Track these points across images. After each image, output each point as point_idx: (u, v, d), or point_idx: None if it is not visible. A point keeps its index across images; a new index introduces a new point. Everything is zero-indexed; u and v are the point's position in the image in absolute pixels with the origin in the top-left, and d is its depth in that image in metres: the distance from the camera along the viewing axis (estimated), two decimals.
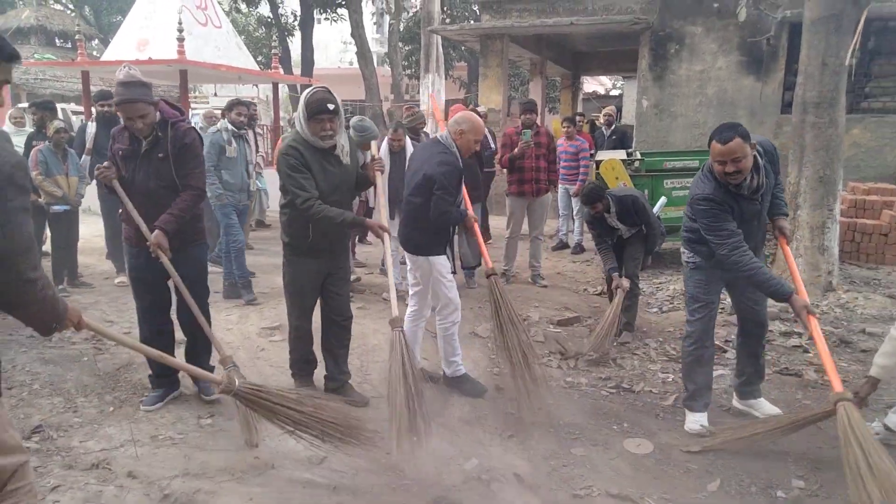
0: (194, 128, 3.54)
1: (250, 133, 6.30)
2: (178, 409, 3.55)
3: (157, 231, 3.27)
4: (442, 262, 3.81)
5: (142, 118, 3.24)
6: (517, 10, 11.14)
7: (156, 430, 3.34)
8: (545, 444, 3.30)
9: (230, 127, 5.72)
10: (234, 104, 5.93)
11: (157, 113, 3.34)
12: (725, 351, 4.58)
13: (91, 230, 7.80)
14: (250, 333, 4.87)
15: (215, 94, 18.90)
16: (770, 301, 3.49)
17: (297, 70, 20.10)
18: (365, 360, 4.40)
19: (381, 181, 3.79)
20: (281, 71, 13.92)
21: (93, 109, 7.14)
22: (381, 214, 3.77)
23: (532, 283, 6.40)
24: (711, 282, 3.39)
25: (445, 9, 17.31)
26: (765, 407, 3.59)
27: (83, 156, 6.14)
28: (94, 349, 4.40)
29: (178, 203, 3.35)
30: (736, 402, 3.70)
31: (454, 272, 3.97)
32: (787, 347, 4.68)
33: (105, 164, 3.33)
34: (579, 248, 8.05)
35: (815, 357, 4.46)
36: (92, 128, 6.27)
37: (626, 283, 4.71)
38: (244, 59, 11.78)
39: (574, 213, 8.19)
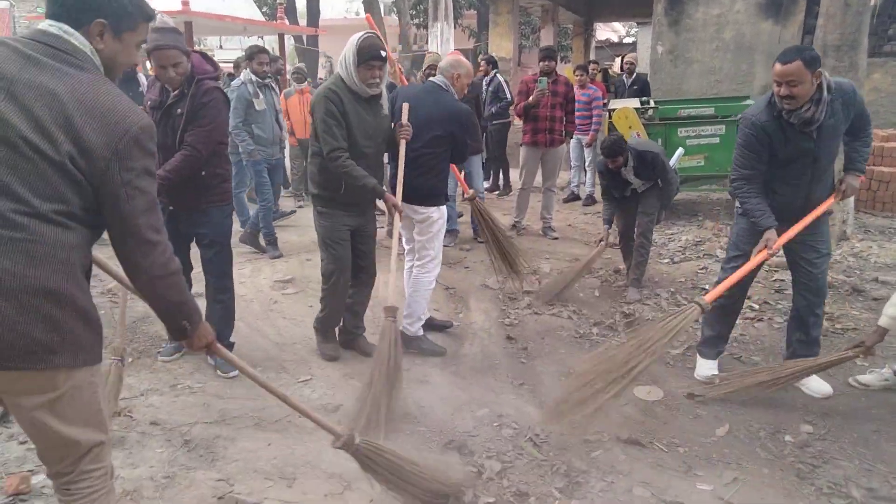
0: (219, 88, 3.33)
1: (274, 83, 5.95)
2: (195, 360, 3.62)
3: None
4: (445, 212, 3.80)
5: (174, 67, 3.07)
6: None
7: (175, 379, 3.42)
8: (556, 392, 3.35)
9: (254, 78, 5.46)
10: (256, 52, 5.60)
11: (189, 65, 3.17)
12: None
13: None
14: (263, 286, 4.93)
15: (220, 47, 18.62)
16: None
17: (302, 21, 19.71)
18: (377, 311, 4.43)
19: (403, 149, 3.49)
20: (286, 22, 13.65)
21: None
22: (398, 189, 3.48)
23: (543, 235, 6.39)
24: (755, 233, 3.19)
25: None
26: (813, 384, 3.28)
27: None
28: (111, 302, 4.47)
29: (169, 163, 3.14)
30: None
31: None
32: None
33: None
34: (591, 200, 7.98)
35: (828, 306, 4.44)
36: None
37: (611, 236, 4.80)
38: (249, 10, 11.57)
39: (586, 163, 8.09)
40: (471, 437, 2.90)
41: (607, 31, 24.64)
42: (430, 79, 3.92)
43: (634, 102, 7.25)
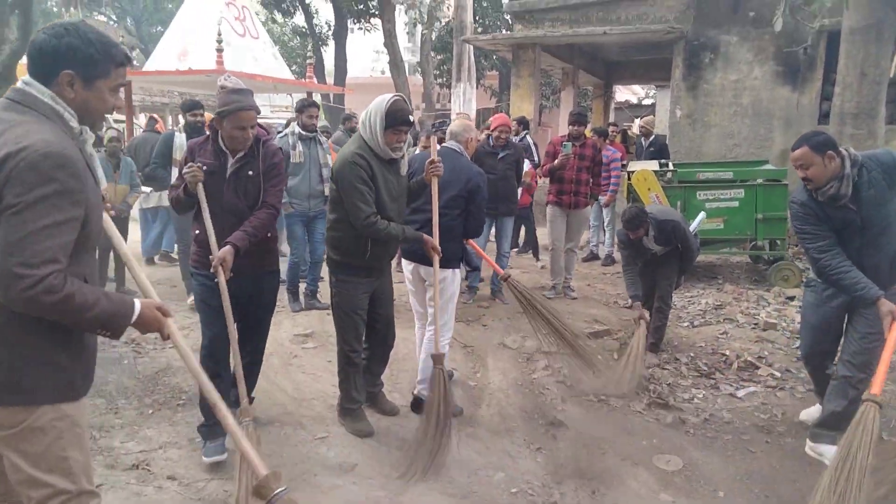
0: (280, 148, 3.42)
1: (322, 136, 5.90)
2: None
3: (227, 247, 2.91)
4: (459, 275, 3.84)
5: (252, 129, 3.04)
6: (549, 20, 11.17)
7: (193, 433, 3.43)
8: (573, 458, 3.31)
9: (297, 130, 5.54)
10: (306, 105, 5.65)
11: None
12: (758, 367, 4.52)
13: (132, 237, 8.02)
14: (283, 340, 4.97)
15: None
16: None
17: (329, 79, 20.41)
18: (394, 367, 4.45)
19: (436, 186, 3.46)
20: (315, 80, 14.16)
21: (173, 119, 7.02)
22: (435, 231, 3.44)
23: (562, 295, 6.39)
24: (819, 304, 3.29)
25: (477, 18, 17.42)
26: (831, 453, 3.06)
27: (172, 167, 5.74)
28: (134, 353, 4.54)
29: (253, 220, 3.04)
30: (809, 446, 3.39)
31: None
32: None
33: (196, 164, 2.97)
34: (610, 260, 8.00)
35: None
36: (180, 139, 5.87)
37: (647, 314, 4.57)
38: (280, 69, 12.03)
39: (605, 223, 8.15)
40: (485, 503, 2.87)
41: (626, 93, 25.10)
42: (444, 144, 4.04)
43: (653, 165, 7.34)
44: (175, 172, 5.61)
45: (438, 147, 3.69)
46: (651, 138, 8.93)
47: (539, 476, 3.14)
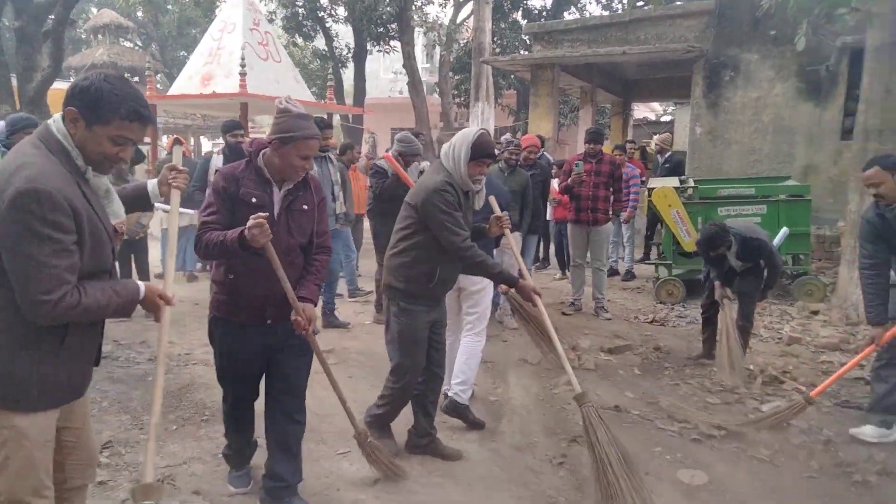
0: None
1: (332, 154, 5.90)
2: None
3: (307, 304, 2.65)
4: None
5: (312, 160, 2.80)
6: (568, 40, 11.25)
7: (217, 448, 3.45)
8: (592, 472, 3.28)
9: None
10: (321, 127, 5.53)
11: None
12: (782, 382, 4.45)
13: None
14: None
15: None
16: None
17: (349, 100, 20.68)
18: None
19: (510, 237, 3.52)
20: (334, 101, 14.37)
21: (198, 140, 6.87)
22: (525, 272, 3.50)
23: (595, 315, 6.33)
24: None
25: (496, 39, 17.60)
26: (867, 430, 3.65)
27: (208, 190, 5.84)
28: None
29: (317, 268, 2.77)
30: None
31: None
32: (848, 379, 4.51)
33: (261, 216, 2.42)
34: (630, 276, 7.97)
35: None
36: (219, 160, 5.81)
37: (729, 291, 4.51)
38: (301, 91, 12.24)
39: (624, 239, 8.13)
40: None
41: (645, 110, 25.09)
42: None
43: (674, 181, 7.33)
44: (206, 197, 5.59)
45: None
46: (667, 155, 8.92)
47: (562, 491, 3.11)
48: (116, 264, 2.12)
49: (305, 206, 2.70)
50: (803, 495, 3.06)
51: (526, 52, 11.72)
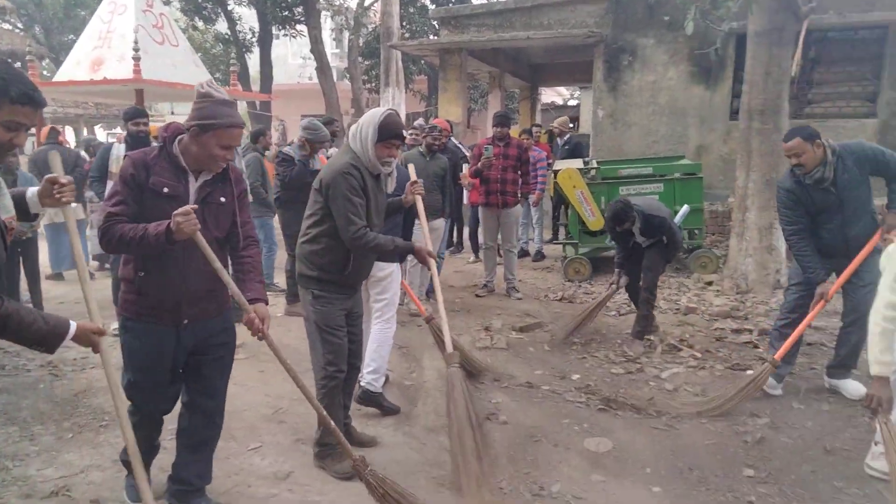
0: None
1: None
2: None
3: (260, 304, 2.52)
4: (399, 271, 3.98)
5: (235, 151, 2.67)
6: (475, 25, 11.34)
7: (118, 454, 3.30)
8: (508, 447, 3.38)
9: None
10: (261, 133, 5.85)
11: None
12: (680, 349, 4.73)
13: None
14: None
15: (172, 112, 18.68)
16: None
17: (255, 86, 20.01)
18: None
19: (421, 204, 3.59)
20: (240, 87, 13.85)
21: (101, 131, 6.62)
22: (427, 238, 3.59)
23: (507, 296, 6.46)
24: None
25: (404, 24, 17.47)
26: (849, 386, 3.89)
27: (108, 181, 5.38)
28: (51, 375, 4.33)
29: (252, 265, 2.63)
30: (826, 380, 4.03)
31: None
32: (738, 344, 4.85)
33: (188, 208, 2.28)
34: (540, 256, 8.19)
35: (765, 352, 4.64)
36: (120, 150, 5.52)
37: (622, 281, 4.97)
38: (202, 77, 11.68)
39: (534, 221, 8.34)
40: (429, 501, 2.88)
41: (552, 95, 25.74)
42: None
43: (578, 163, 7.57)
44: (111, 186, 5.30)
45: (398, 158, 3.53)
46: (566, 137, 9.18)
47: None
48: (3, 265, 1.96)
49: (223, 199, 2.53)
50: (700, 456, 3.26)
51: (434, 37, 11.72)
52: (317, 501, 2.86)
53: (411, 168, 3.74)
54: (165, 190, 2.39)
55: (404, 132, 3.20)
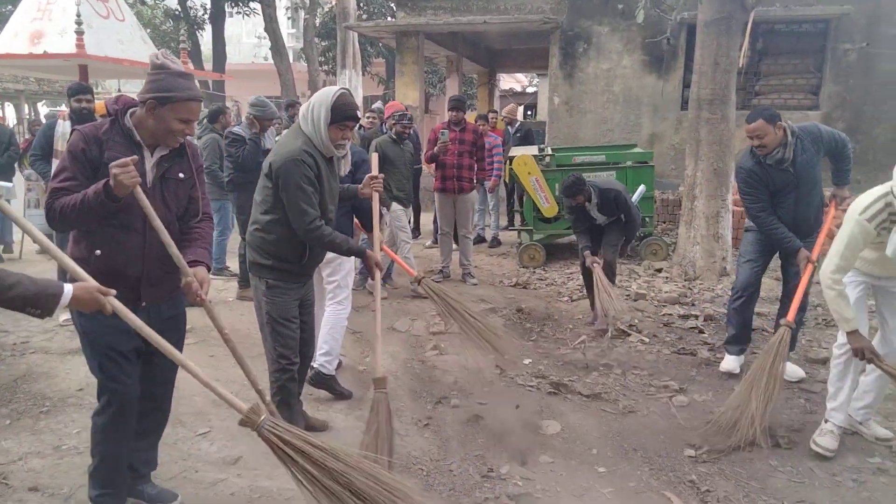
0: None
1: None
2: (83, 419, 3.42)
3: (201, 267, 2.43)
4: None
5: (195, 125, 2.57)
6: (432, 8, 11.25)
7: (59, 440, 3.22)
8: (460, 431, 3.42)
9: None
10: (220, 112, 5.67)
11: None
12: (629, 334, 4.85)
13: None
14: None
15: (119, 90, 18.01)
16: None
17: (208, 65, 19.43)
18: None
19: (377, 202, 3.35)
20: (191, 66, 13.41)
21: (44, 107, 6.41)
22: (376, 245, 3.32)
23: (463, 281, 6.48)
24: (758, 244, 4.02)
25: (361, 4, 17.22)
26: (788, 369, 3.93)
27: (53, 160, 5.21)
28: None
29: (201, 234, 2.54)
30: None
31: None
32: (684, 329, 5.00)
33: (126, 160, 2.15)
34: (496, 242, 8.25)
35: (709, 337, 4.81)
36: (65, 127, 5.33)
37: (599, 260, 4.87)
38: (149, 53, 11.31)
39: (490, 207, 8.38)
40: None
41: (511, 81, 25.82)
42: None
43: (533, 150, 7.63)
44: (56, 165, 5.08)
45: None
46: (517, 125, 9.25)
47: (427, 451, 3.21)
48: None
49: (182, 175, 2.45)
50: (644, 437, 3.36)
51: (391, 19, 11.58)
52: (265, 487, 2.84)
53: (374, 159, 3.51)
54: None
55: (357, 112, 3.03)
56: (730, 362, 4.14)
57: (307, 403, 3.51)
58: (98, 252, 2.31)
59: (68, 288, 1.86)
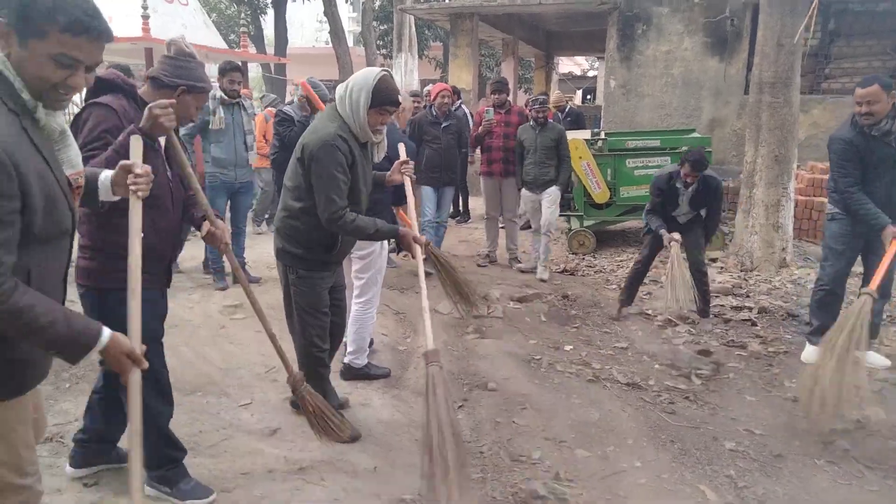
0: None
1: (247, 101, 5.52)
2: None
3: (218, 220, 2.49)
4: (386, 246, 3.87)
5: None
6: None
7: None
8: (492, 415, 3.41)
9: (219, 94, 5.09)
10: (229, 69, 5.17)
11: None
12: (676, 325, 4.72)
13: None
14: (212, 311, 4.90)
15: None
16: None
17: (270, 49, 19.86)
18: None
19: (410, 186, 3.22)
20: (251, 50, 13.74)
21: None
22: (415, 223, 3.24)
23: (509, 266, 6.44)
24: (845, 234, 3.83)
25: None
26: (870, 357, 3.85)
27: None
28: None
29: (199, 190, 2.51)
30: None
31: None
32: (737, 321, 4.84)
33: (166, 101, 2.18)
34: None
35: (762, 330, 4.64)
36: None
37: (677, 235, 4.56)
38: (212, 38, 11.65)
39: None
40: (410, 461, 2.93)
41: (570, 65, 25.33)
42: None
43: (585, 134, 7.48)
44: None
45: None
46: (567, 110, 9.05)
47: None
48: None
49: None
50: (683, 429, 3.29)
51: (446, 1, 11.51)
52: (298, 458, 2.91)
53: (401, 148, 3.38)
54: (157, 146, 2.28)
55: (400, 97, 2.93)
56: (811, 353, 3.93)
57: (347, 383, 3.58)
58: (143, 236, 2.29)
59: (105, 338, 1.56)
